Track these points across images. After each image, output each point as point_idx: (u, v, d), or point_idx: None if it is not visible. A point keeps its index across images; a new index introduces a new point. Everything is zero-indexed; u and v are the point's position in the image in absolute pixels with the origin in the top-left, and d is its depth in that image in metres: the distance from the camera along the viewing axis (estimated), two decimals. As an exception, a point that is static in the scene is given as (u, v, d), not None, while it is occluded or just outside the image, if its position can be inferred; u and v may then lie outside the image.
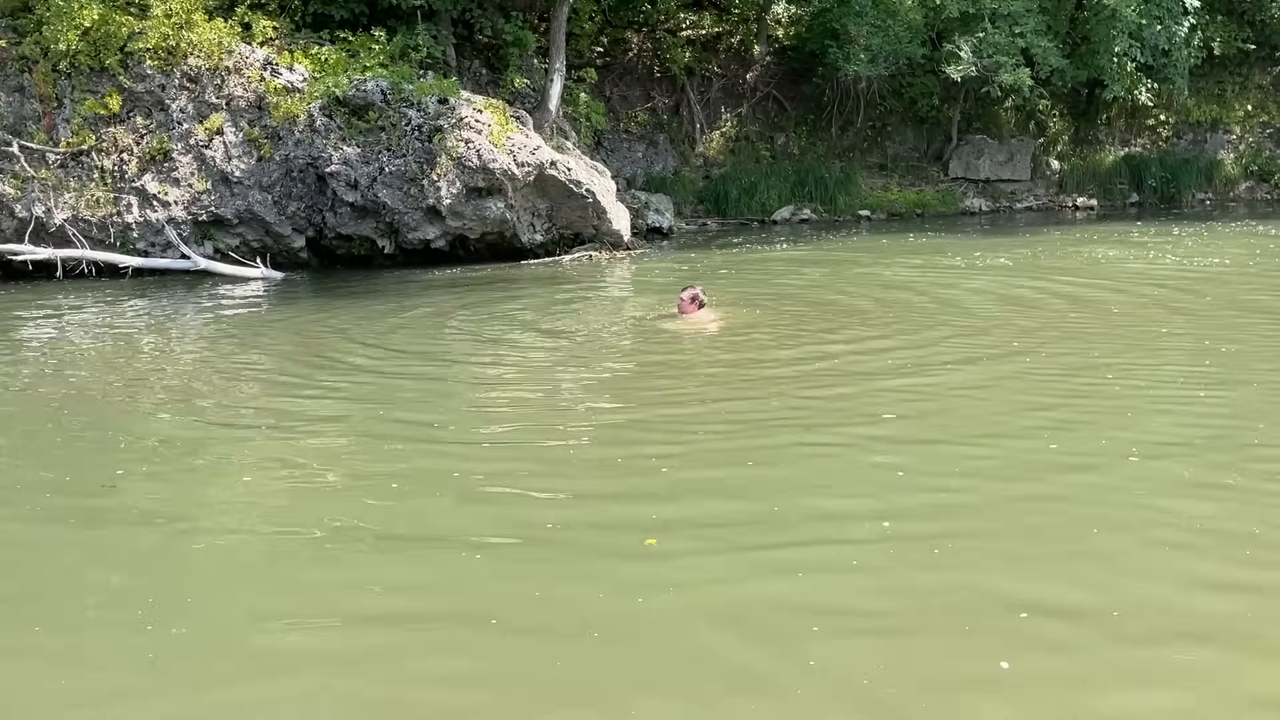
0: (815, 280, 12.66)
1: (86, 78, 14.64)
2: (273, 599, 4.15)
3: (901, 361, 7.88)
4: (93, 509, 5.19)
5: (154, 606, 4.08)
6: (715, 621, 3.79)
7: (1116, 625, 3.67)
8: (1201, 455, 5.44)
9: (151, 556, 4.62)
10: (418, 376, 8.13)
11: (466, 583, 4.24)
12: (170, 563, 4.55)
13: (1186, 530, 4.50)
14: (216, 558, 4.60)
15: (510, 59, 18.44)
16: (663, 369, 8.15)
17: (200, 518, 5.09)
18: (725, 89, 23.43)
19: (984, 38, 20.45)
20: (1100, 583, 4.00)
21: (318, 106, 14.60)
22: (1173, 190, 24.15)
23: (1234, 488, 4.96)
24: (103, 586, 4.34)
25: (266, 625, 3.93)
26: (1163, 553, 4.31)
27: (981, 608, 3.85)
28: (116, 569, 4.49)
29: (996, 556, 4.30)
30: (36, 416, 7.06)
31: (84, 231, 14.35)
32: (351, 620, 3.96)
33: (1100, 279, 12.01)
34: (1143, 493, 4.94)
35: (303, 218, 14.99)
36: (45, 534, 4.89)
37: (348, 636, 3.84)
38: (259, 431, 6.61)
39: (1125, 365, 7.52)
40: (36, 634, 3.92)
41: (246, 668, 3.63)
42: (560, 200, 15.63)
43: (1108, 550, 4.30)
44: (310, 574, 4.38)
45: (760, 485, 5.21)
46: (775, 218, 21.63)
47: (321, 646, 3.77)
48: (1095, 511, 4.72)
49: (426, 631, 3.86)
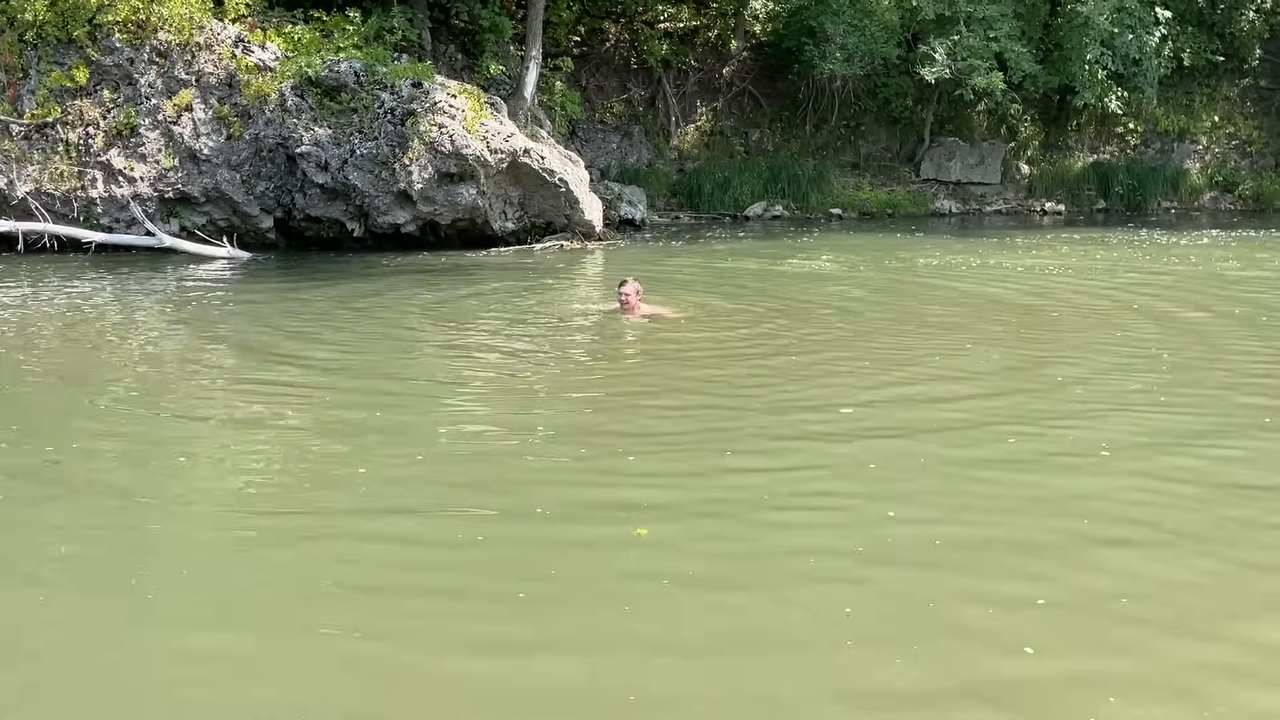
0: (754, 271, 12.78)
1: (53, 49, 14.41)
2: (228, 578, 4.12)
3: (852, 353, 7.96)
4: (43, 480, 5.14)
5: (100, 586, 4.04)
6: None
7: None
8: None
9: (105, 531, 4.57)
10: (381, 361, 8.09)
11: (436, 565, 4.23)
12: (122, 538, 4.50)
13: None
14: (171, 535, 4.56)
15: (486, 45, 18.36)
16: (612, 360, 8.16)
17: (155, 495, 5.04)
18: (701, 83, 23.46)
19: (959, 41, 20.62)
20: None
21: (289, 86, 14.45)
22: (1139, 198, 24.51)
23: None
24: (52, 555, 4.29)
25: (214, 608, 3.90)
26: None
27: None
28: (67, 542, 4.45)
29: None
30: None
31: (47, 205, 14.14)
32: (313, 602, 3.94)
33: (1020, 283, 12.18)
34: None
35: (271, 198, 14.85)
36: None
37: (309, 620, 3.82)
38: (219, 412, 6.55)
39: (1060, 363, 7.63)
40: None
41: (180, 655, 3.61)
42: (533, 189, 15.59)
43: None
44: (271, 558, 4.35)
45: (728, 473, 5.24)
46: (748, 213, 21.70)
47: (276, 627, 3.76)
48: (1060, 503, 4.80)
49: (392, 604, 3.86)
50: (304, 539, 4.49)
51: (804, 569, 4.16)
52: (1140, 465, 5.42)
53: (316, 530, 4.60)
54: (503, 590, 3.97)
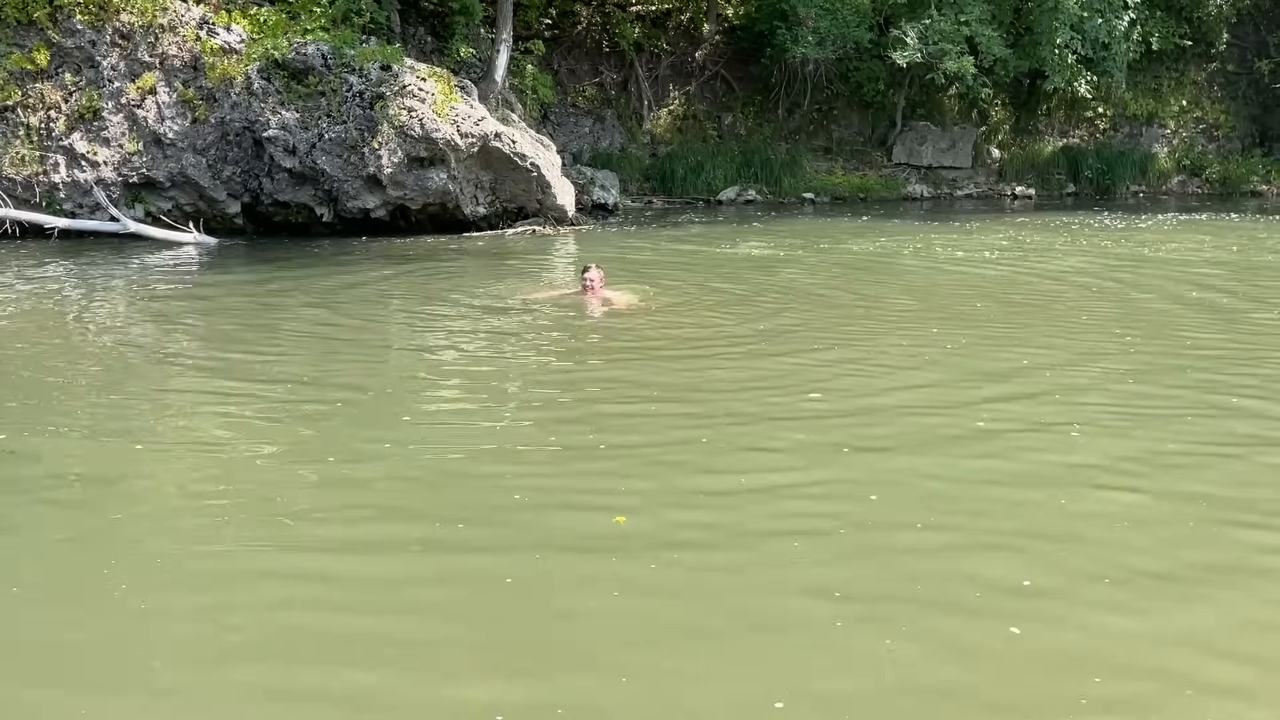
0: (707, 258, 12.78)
1: (13, 31, 14.12)
2: (193, 572, 4.06)
3: (818, 337, 7.98)
4: (9, 466, 5.05)
5: (68, 578, 3.98)
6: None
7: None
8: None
9: (68, 521, 4.49)
10: (350, 348, 8.01)
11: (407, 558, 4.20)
12: (84, 528, 4.43)
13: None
14: (133, 525, 4.49)
15: (456, 27, 18.17)
16: (578, 346, 8.12)
17: (117, 484, 4.96)
18: (674, 67, 23.36)
19: (930, 25, 20.64)
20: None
21: (256, 69, 14.25)
22: (1108, 182, 24.69)
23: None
24: (11, 546, 4.22)
25: (180, 600, 3.85)
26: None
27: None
28: (22, 532, 4.37)
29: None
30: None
31: (8, 190, 13.89)
32: (278, 604, 3.89)
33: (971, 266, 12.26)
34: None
35: (238, 183, 14.66)
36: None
37: (273, 619, 3.78)
38: (183, 400, 6.46)
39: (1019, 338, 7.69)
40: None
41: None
42: (504, 173, 15.48)
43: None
44: (236, 547, 4.29)
45: (706, 457, 5.23)
46: (721, 198, 21.67)
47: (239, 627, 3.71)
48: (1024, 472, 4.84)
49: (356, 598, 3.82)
50: (258, 548, 4.40)
51: (791, 552, 4.17)
52: (1113, 443, 5.48)
53: (275, 540, 4.54)
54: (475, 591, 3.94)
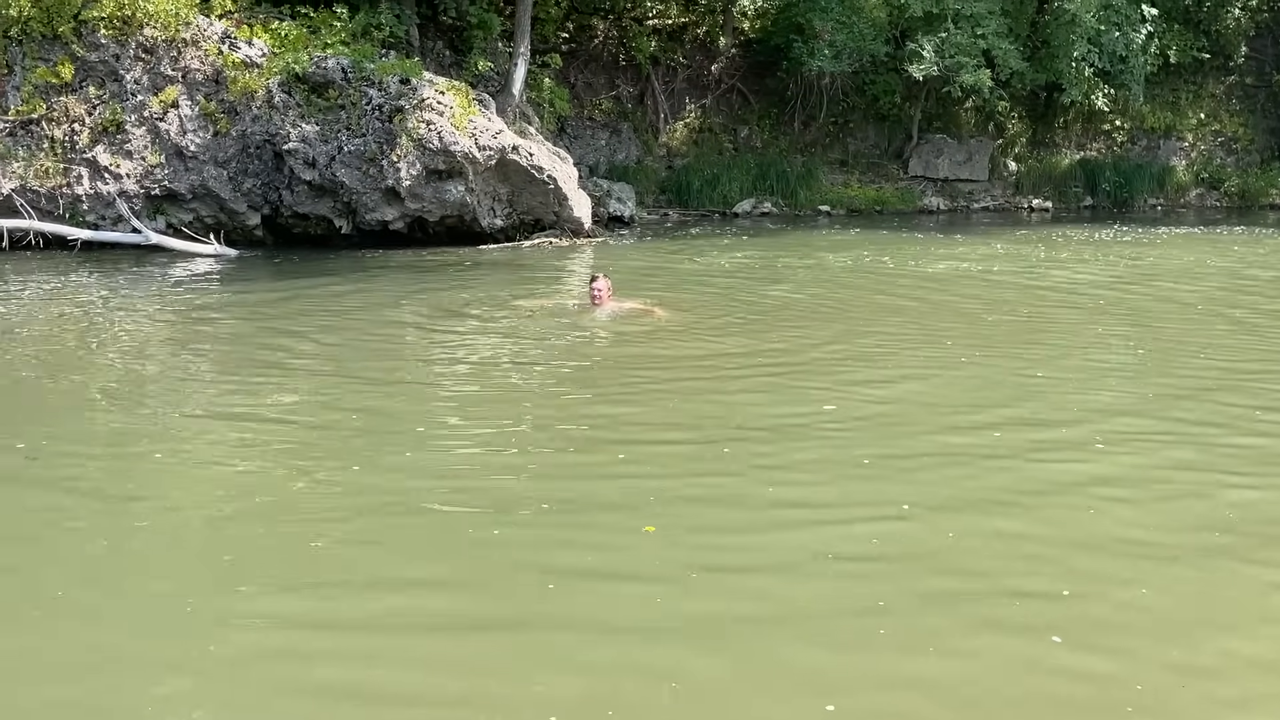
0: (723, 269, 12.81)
1: (38, 45, 14.32)
2: (217, 578, 4.11)
3: (830, 349, 7.99)
4: (25, 481, 5.11)
5: (100, 568, 4.03)
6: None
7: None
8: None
9: (92, 529, 4.55)
10: (371, 357, 8.07)
11: (430, 557, 4.23)
12: (108, 536, 4.48)
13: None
14: (157, 534, 4.54)
15: (474, 41, 18.30)
16: (588, 357, 8.15)
17: (141, 494, 5.02)
18: (690, 80, 23.44)
19: (946, 38, 20.64)
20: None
21: (276, 82, 14.39)
22: (1126, 195, 24.60)
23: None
24: (32, 554, 4.27)
25: (200, 602, 3.89)
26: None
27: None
28: (48, 540, 4.42)
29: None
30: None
31: (32, 202, 14.05)
32: (304, 614, 3.93)
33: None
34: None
35: (259, 195, 14.79)
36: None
37: (291, 627, 3.82)
38: (200, 412, 6.52)
39: (1035, 358, 7.67)
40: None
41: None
42: (521, 185, 15.57)
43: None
44: (263, 554, 4.33)
45: (723, 466, 5.26)
46: (736, 210, 21.71)
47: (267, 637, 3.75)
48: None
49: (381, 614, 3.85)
50: (276, 562, 4.44)
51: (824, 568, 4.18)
52: (1135, 456, 5.48)
53: (293, 550, 4.58)
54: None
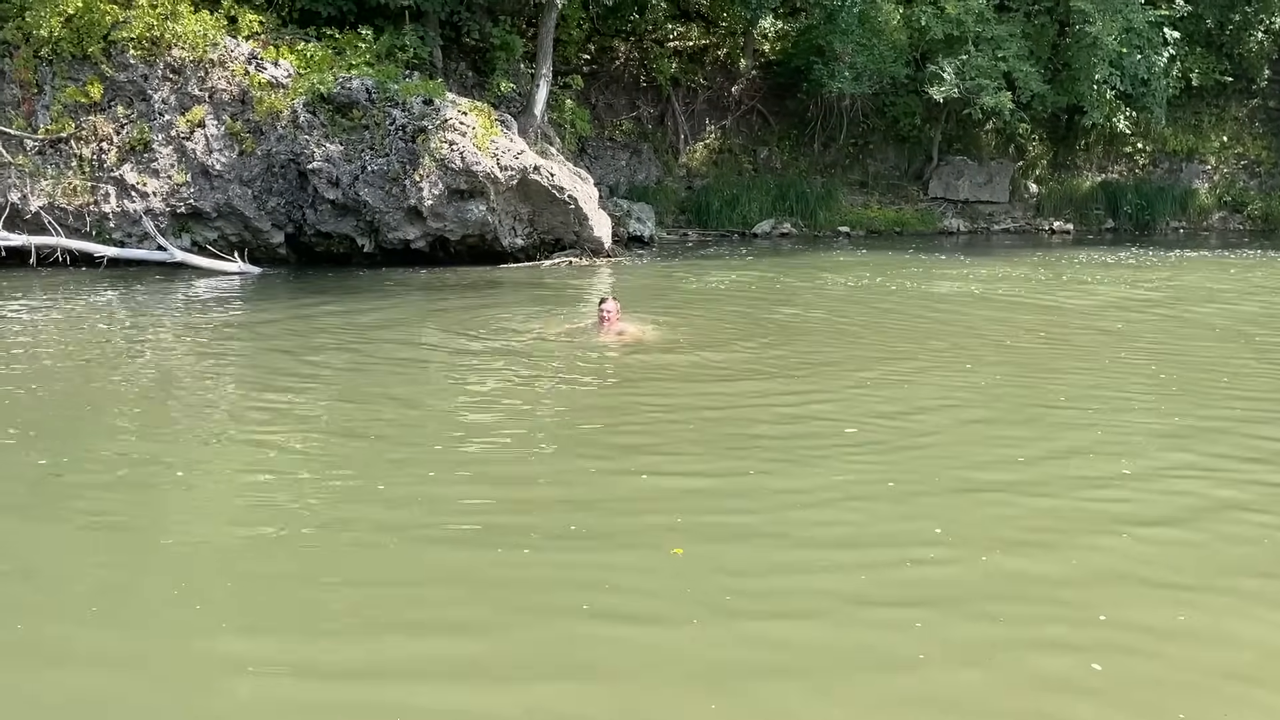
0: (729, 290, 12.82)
1: (68, 65, 14.54)
2: (238, 596, 4.13)
3: (847, 371, 7.97)
4: (49, 496, 5.16)
5: (114, 601, 4.06)
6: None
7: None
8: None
9: (112, 551, 4.59)
10: (390, 378, 8.12)
11: (448, 588, 4.24)
12: (128, 559, 4.52)
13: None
14: (177, 555, 4.57)
15: (497, 63, 18.45)
16: (599, 380, 8.16)
17: (156, 518, 5.05)
18: (710, 101, 23.54)
19: (967, 60, 20.66)
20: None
21: (302, 103, 14.55)
22: (1147, 217, 24.48)
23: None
24: (56, 573, 4.30)
25: (225, 625, 3.92)
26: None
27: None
28: (68, 559, 4.46)
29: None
30: (3, 401, 7.00)
31: (60, 220, 14.23)
32: (325, 631, 3.95)
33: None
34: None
35: (282, 214, 14.93)
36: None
37: (313, 648, 3.83)
38: (225, 428, 6.57)
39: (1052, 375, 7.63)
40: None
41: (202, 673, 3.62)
42: (542, 205, 15.65)
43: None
44: (275, 594, 4.35)
45: (750, 492, 5.25)
46: (756, 231, 21.74)
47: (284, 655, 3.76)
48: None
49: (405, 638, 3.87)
50: (303, 581, 4.45)
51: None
52: (1167, 491, 5.42)
53: (317, 567, 4.60)
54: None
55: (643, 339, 9.43)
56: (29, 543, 4.64)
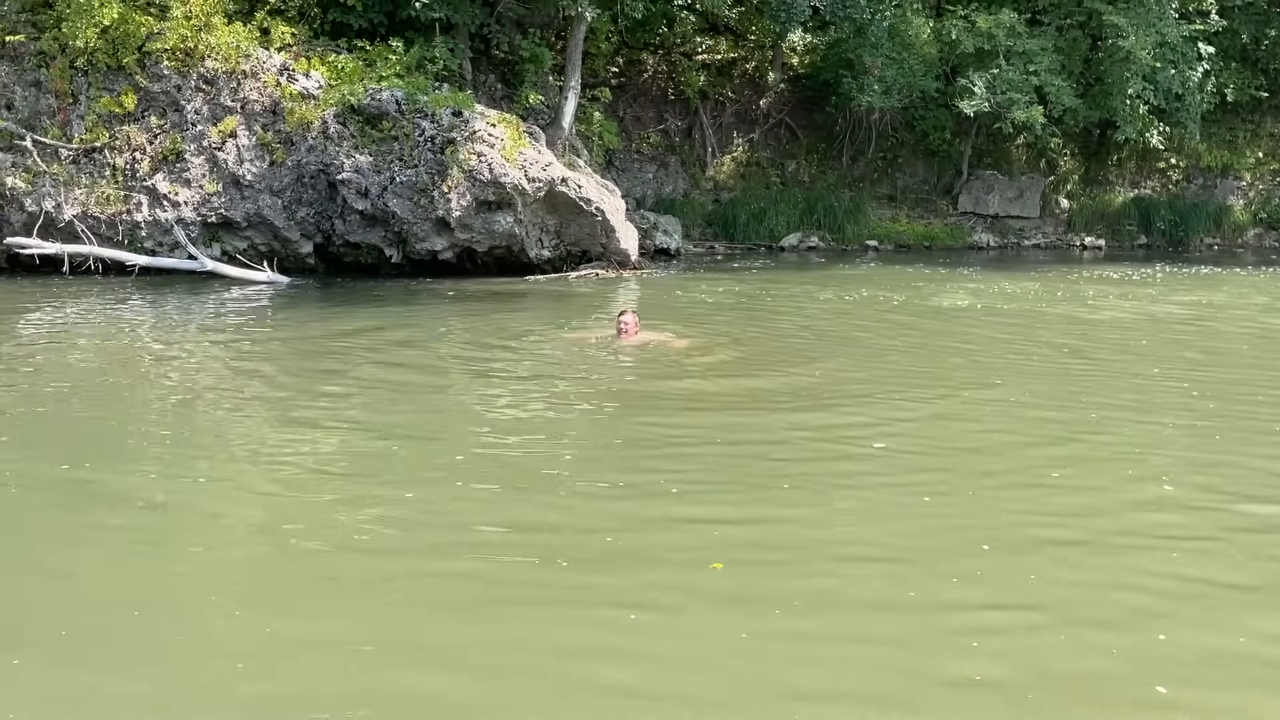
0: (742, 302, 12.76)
1: (103, 75, 14.71)
2: (262, 606, 4.10)
3: (872, 386, 7.87)
4: (84, 497, 5.17)
5: (142, 610, 4.04)
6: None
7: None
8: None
9: (141, 557, 4.58)
10: (416, 390, 8.10)
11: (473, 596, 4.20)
12: (156, 565, 4.50)
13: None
14: (203, 562, 4.55)
15: (526, 75, 18.50)
16: (618, 392, 8.09)
17: (181, 528, 5.04)
18: (738, 114, 23.51)
19: (998, 74, 20.52)
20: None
21: (332, 114, 14.64)
22: (1181, 234, 24.19)
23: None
24: (88, 578, 4.29)
25: (249, 637, 3.88)
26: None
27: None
28: (102, 571, 4.45)
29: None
30: (38, 408, 7.04)
31: (92, 228, 14.37)
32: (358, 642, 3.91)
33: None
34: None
35: (312, 224, 15.01)
36: (40, 519, 4.86)
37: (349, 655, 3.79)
38: (252, 436, 6.57)
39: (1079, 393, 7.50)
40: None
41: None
42: (569, 217, 15.65)
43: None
44: (307, 583, 4.33)
45: (786, 504, 5.18)
46: (783, 244, 21.66)
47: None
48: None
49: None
50: (329, 594, 4.44)
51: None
52: (1211, 506, 5.30)
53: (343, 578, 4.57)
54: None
55: (669, 346, 9.39)
56: (58, 549, 4.64)
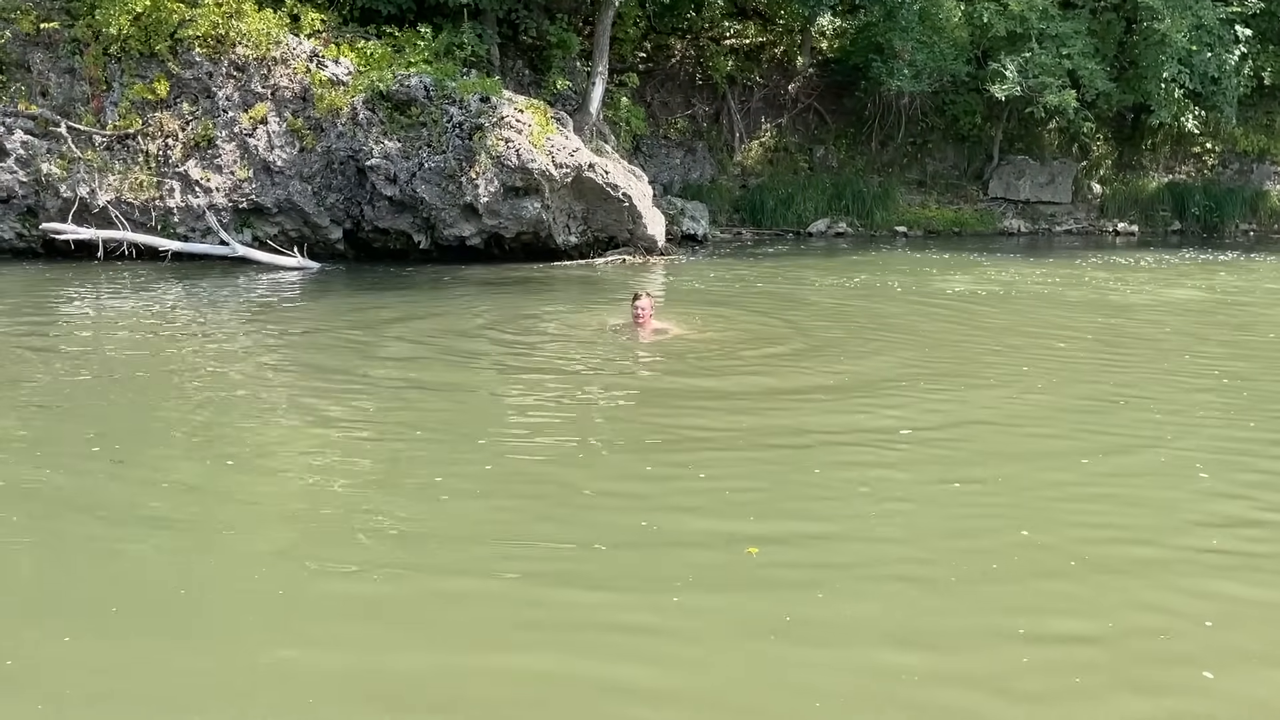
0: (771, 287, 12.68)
1: (136, 62, 14.86)
2: (302, 585, 4.17)
3: (897, 373, 7.84)
4: (115, 484, 5.26)
5: (186, 588, 4.12)
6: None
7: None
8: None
9: (179, 538, 4.66)
10: (444, 374, 8.16)
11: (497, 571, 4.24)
12: (195, 545, 4.58)
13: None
14: (235, 542, 4.63)
15: (553, 60, 18.51)
16: (638, 379, 8.11)
17: (223, 502, 5.12)
18: (766, 99, 23.40)
19: (1030, 58, 20.29)
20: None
21: (361, 100, 14.71)
22: (1216, 219, 23.86)
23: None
24: (131, 559, 4.38)
25: (287, 620, 3.95)
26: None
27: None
28: (134, 550, 4.54)
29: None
30: (72, 390, 7.16)
31: (126, 214, 14.55)
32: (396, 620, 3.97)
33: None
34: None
35: (341, 210, 15.11)
36: (75, 506, 4.95)
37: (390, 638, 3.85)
38: (282, 419, 6.65)
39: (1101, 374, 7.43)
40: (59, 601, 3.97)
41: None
42: (596, 203, 15.66)
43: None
44: (320, 601, 4.39)
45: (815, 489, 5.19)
46: (811, 230, 21.56)
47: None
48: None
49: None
50: (353, 576, 4.51)
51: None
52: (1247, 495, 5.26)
53: (367, 564, 4.63)
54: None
55: (683, 336, 9.38)
56: (97, 530, 4.73)
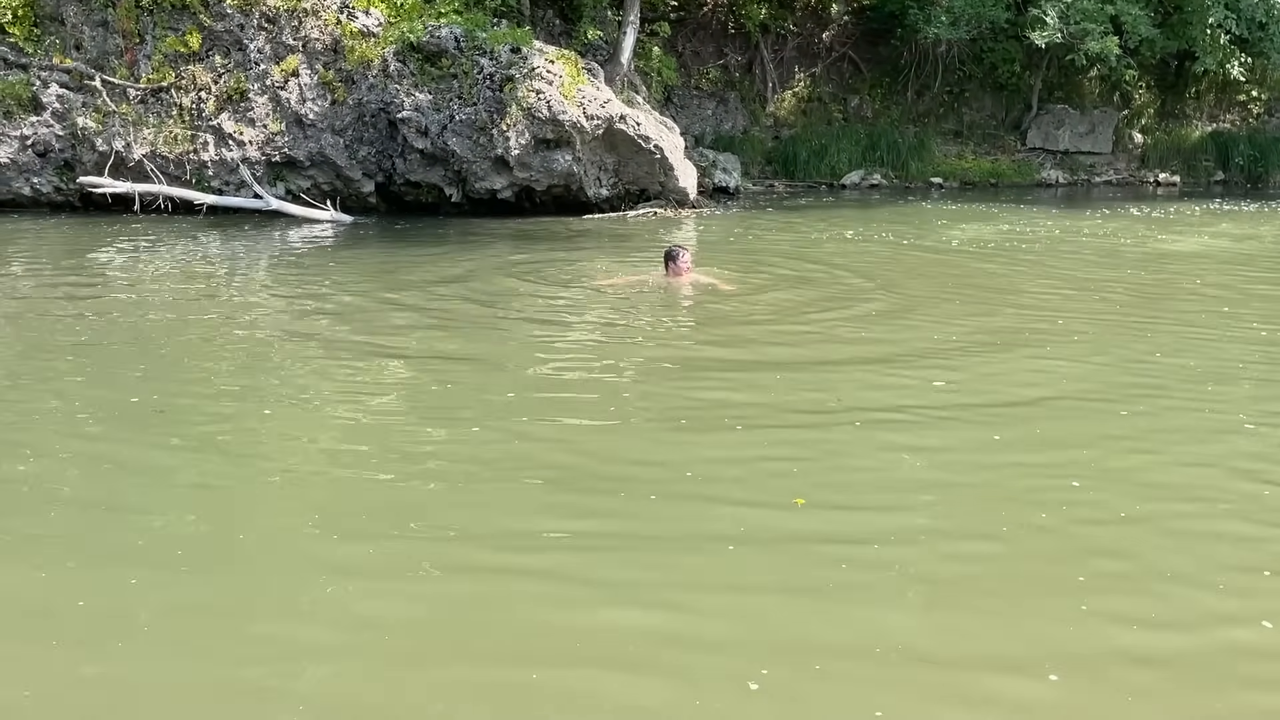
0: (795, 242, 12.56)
1: (168, 15, 14.87)
2: (337, 530, 4.25)
3: (928, 327, 7.78)
4: (149, 428, 5.36)
5: (244, 531, 4.21)
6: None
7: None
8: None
9: (212, 481, 4.75)
10: (474, 326, 8.21)
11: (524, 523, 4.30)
12: (229, 488, 4.68)
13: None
14: (277, 487, 4.72)
15: (584, 10, 18.29)
16: (679, 331, 8.11)
17: (260, 446, 5.22)
18: (800, 48, 23.03)
19: (1071, 3, 19.78)
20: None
21: (392, 52, 14.66)
22: (1261, 170, 23.32)
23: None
24: (161, 505, 4.48)
25: (326, 562, 4.03)
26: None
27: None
28: (176, 493, 4.64)
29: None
30: (112, 342, 7.29)
31: (161, 168, 14.66)
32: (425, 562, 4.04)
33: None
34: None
35: (373, 163, 15.13)
36: (119, 451, 5.06)
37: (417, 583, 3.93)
38: (317, 369, 6.74)
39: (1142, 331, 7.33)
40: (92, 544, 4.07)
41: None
42: (628, 155, 15.57)
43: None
44: (382, 507, 4.47)
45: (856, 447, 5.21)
46: (845, 182, 21.32)
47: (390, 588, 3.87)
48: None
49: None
50: (385, 537, 4.58)
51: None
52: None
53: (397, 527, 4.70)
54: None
55: (719, 289, 9.37)
56: (140, 478, 4.84)
